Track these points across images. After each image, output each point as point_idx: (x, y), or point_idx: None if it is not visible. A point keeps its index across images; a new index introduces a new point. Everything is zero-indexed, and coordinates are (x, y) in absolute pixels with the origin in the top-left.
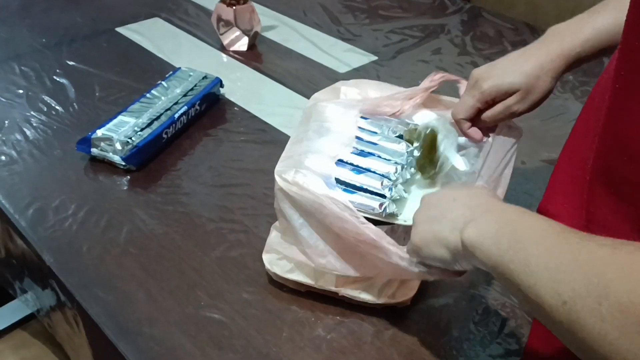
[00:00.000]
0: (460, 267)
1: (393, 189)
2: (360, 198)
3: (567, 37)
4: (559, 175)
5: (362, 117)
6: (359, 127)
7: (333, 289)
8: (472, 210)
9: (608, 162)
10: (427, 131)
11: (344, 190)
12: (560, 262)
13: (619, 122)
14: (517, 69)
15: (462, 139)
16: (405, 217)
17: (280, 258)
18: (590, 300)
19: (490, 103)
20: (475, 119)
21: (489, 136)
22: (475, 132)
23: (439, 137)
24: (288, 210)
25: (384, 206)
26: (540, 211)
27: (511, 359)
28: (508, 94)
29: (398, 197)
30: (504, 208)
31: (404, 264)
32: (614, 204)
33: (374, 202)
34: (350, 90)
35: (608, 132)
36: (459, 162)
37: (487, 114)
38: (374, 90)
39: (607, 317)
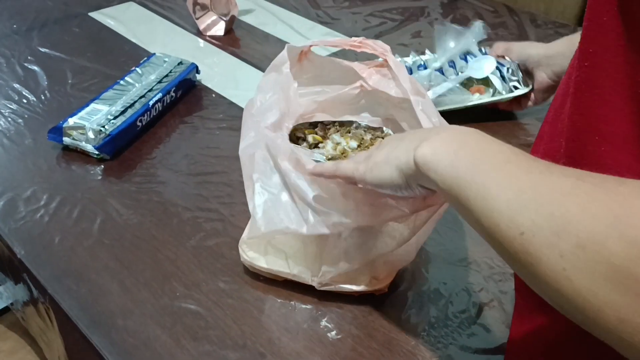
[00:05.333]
0: (409, 192)
1: None
2: None
3: None
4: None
5: None
6: None
7: (309, 281)
8: (429, 131)
9: (579, 143)
10: None
11: None
12: (520, 190)
13: (587, 100)
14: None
15: None
16: None
17: (254, 247)
18: (549, 233)
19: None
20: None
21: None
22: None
23: None
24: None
25: None
26: None
27: (488, 344)
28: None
29: None
30: (463, 129)
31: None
32: None
33: None
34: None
35: (576, 112)
36: None
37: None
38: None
39: (565, 252)
